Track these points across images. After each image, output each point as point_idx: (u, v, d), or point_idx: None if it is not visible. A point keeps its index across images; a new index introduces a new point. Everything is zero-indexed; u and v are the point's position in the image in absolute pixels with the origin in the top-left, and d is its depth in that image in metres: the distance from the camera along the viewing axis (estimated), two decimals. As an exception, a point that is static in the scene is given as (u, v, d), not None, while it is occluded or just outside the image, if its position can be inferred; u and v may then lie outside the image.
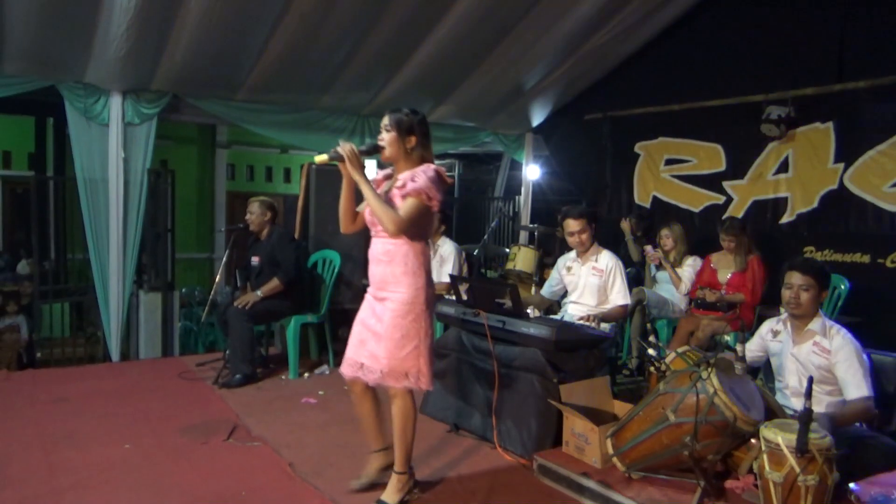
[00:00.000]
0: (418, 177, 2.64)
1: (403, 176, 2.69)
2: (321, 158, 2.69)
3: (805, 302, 3.05)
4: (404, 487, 2.82)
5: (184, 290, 7.53)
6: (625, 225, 5.86)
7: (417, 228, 2.68)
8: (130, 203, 5.23)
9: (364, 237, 2.88)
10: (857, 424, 2.93)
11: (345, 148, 2.63)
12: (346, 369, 2.80)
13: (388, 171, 2.87)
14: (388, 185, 2.76)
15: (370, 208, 2.65)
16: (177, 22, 4.48)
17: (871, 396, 2.86)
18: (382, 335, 2.68)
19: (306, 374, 4.86)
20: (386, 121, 2.72)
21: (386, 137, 2.71)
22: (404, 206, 2.62)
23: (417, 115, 2.73)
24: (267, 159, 10.19)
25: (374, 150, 2.74)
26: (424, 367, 2.70)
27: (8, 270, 8.84)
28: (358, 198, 2.76)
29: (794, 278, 3.08)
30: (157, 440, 3.50)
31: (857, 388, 2.89)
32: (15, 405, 4.00)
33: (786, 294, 3.11)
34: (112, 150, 5.12)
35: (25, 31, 4.36)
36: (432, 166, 2.70)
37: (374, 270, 2.76)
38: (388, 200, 2.66)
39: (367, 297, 2.82)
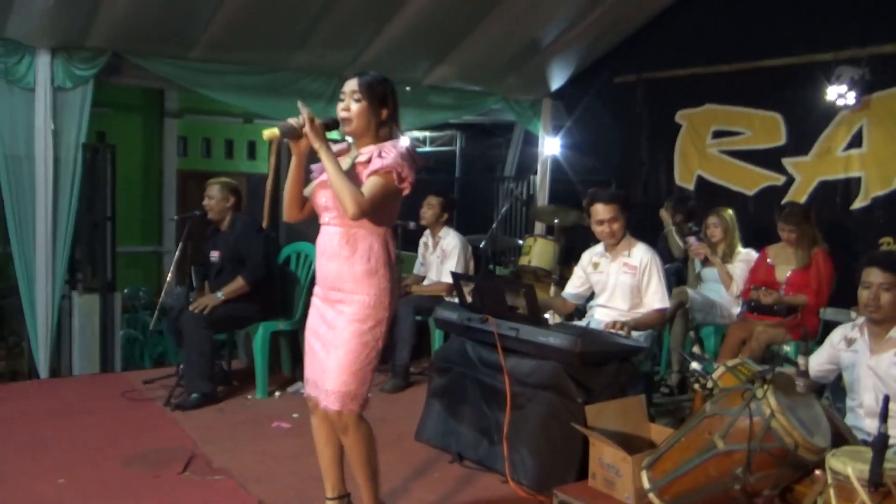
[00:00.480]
0: (387, 152, 2.62)
1: (368, 150, 2.67)
2: (271, 133, 2.61)
3: (886, 304, 3.09)
4: None
5: (126, 290, 7.55)
6: (664, 213, 5.89)
7: (381, 213, 2.67)
8: (62, 185, 5.24)
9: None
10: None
11: (304, 111, 2.58)
12: (307, 388, 2.82)
13: (342, 145, 2.85)
14: (348, 160, 2.74)
15: (330, 186, 2.60)
16: (118, -37, 4.52)
17: None
18: (335, 347, 2.67)
19: (277, 393, 4.91)
20: (353, 86, 2.67)
21: (354, 108, 2.67)
22: (368, 184, 2.59)
23: (389, 83, 2.73)
24: (227, 131, 10.20)
25: (336, 125, 2.70)
26: (367, 386, 2.70)
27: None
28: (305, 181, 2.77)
29: (874, 276, 3.12)
30: (97, 473, 3.53)
31: None
32: (-78, 431, 4.05)
33: (863, 295, 3.15)
34: (39, 121, 5.12)
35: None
36: (405, 142, 2.71)
37: (328, 267, 2.72)
38: (352, 178, 2.64)
39: (314, 300, 2.81)
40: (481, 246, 6.14)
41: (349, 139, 2.80)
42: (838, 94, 5.26)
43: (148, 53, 5.49)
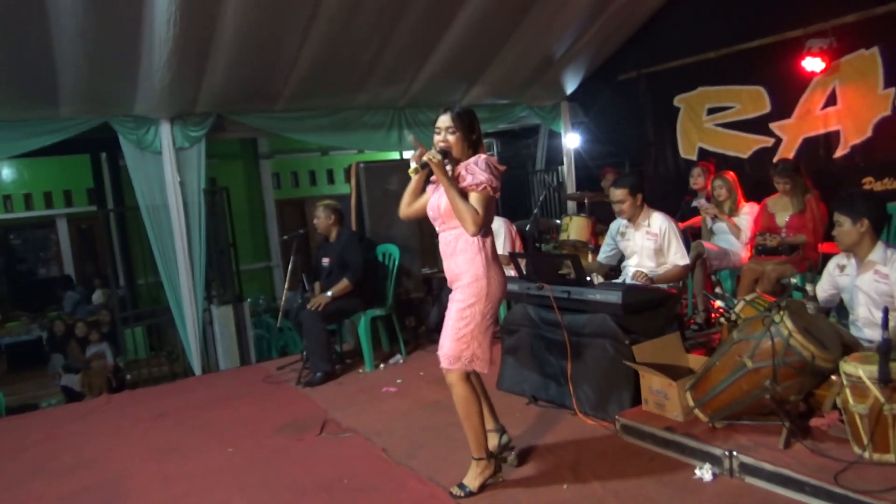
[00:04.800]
0: (472, 170, 2.70)
1: (460, 171, 2.74)
2: (415, 170, 2.78)
3: (842, 237, 3.17)
4: (483, 473, 2.86)
5: (248, 300, 7.84)
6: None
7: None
8: (191, 224, 5.50)
9: (419, 227, 2.95)
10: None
11: (431, 157, 2.68)
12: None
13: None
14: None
15: (452, 208, 2.70)
16: (213, 46, 4.70)
17: None
18: (447, 321, 2.80)
19: (381, 366, 5.05)
20: (447, 122, 2.75)
21: (451, 139, 2.74)
22: (473, 202, 2.68)
23: (472, 112, 2.82)
24: (309, 163, 10.44)
25: (446, 156, 2.75)
26: (478, 350, 2.76)
27: (84, 302, 9.38)
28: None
29: (838, 218, 3.22)
30: (256, 442, 3.73)
31: None
32: (120, 424, 4.32)
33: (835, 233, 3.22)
34: (168, 176, 5.39)
35: (76, 74, 4.63)
36: (481, 156, 2.75)
37: (447, 264, 2.84)
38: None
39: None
40: (527, 228, 6.18)
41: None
42: (811, 62, 5.15)
43: (243, 111, 5.70)
